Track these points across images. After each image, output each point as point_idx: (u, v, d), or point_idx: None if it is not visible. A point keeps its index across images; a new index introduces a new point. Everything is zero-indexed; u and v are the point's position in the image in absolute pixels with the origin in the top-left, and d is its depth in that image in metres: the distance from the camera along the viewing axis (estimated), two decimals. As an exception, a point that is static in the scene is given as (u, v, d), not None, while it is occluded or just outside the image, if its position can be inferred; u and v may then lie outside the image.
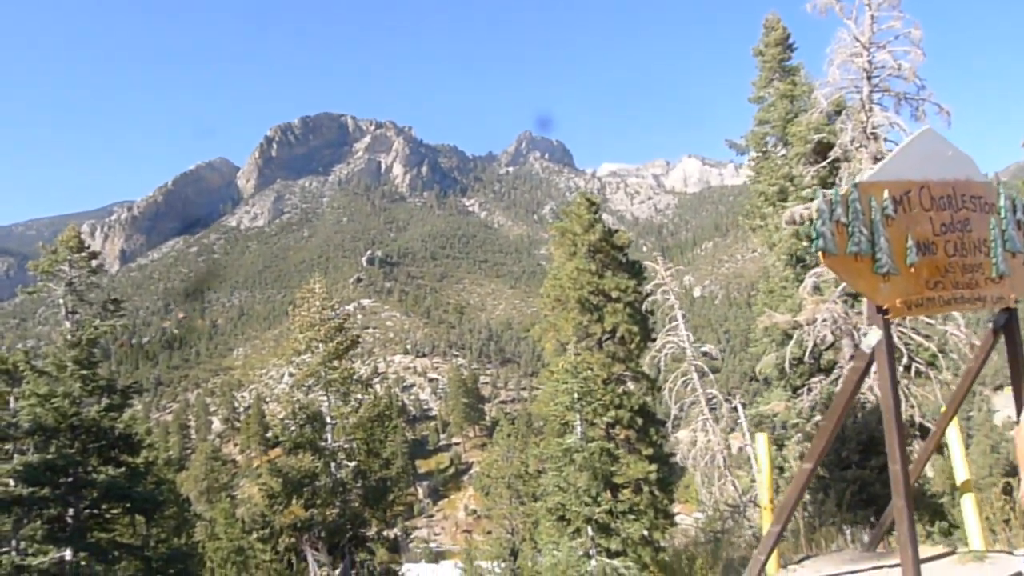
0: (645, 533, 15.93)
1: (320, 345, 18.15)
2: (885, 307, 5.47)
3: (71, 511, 15.89)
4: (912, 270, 5.61)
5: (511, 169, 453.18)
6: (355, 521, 17.15)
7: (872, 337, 5.41)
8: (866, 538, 9.98)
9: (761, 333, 22.51)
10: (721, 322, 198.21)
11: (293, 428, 17.38)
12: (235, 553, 33.88)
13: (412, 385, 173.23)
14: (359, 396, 18.66)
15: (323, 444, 17.55)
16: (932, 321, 17.90)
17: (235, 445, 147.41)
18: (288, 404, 17.75)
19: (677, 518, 24.60)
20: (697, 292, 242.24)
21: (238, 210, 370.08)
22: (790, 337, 21.34)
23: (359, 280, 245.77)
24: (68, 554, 15.27)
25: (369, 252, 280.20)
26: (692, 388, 20.94)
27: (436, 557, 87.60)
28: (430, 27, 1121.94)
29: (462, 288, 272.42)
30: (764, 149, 23.69)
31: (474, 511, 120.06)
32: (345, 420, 17.81)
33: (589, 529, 14.64)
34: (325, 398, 17.98)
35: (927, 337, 18.47)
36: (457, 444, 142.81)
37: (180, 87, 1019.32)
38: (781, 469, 21.97)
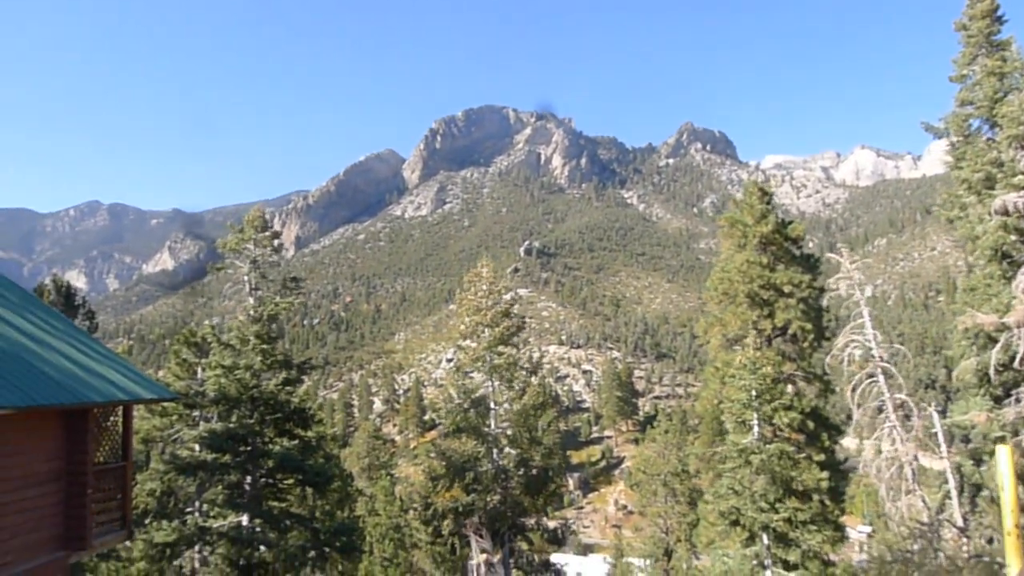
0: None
1: (486, 330, 18.08)
2: None
3: (249, 479, 16.68)
4: None
5: (671, 161, 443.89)
6: (515, 509, 16.97)
7: None
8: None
9: (960, 335, 20.36)
10: (895, 324, 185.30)
11: (457, 412, 17.41)
12: (393, 530, 35.03)
13: (566, 376, 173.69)
14: (523, 382, 18.47)
15: (486, 429, 17.48)
16: None
17: (394, 426, 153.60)
18: (453, 387, 17.80)
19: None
20: (868, 291, 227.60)
21: (403, 200, 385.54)
22: (994, 340, 19.19)
23: (516, 270, 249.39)
24: (245, 519, 16.03)
25: (527, 243, 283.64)
26: (878, 392, 19.20)
27: (584, 550, 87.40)
28: (592, 19, 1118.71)
29: (618, 281, 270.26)
30: (966, 133, 21.37)
31: (624, 506, 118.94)
32: (509, 406, 17.65)
33: (765, 537, 13.66)
34: (489, 383, 17.90)
35: None
36: (609, 437, 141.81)
37: (352, 81, 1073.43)
38: (978, 488, 19.82)
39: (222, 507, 16.17)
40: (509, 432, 17.57)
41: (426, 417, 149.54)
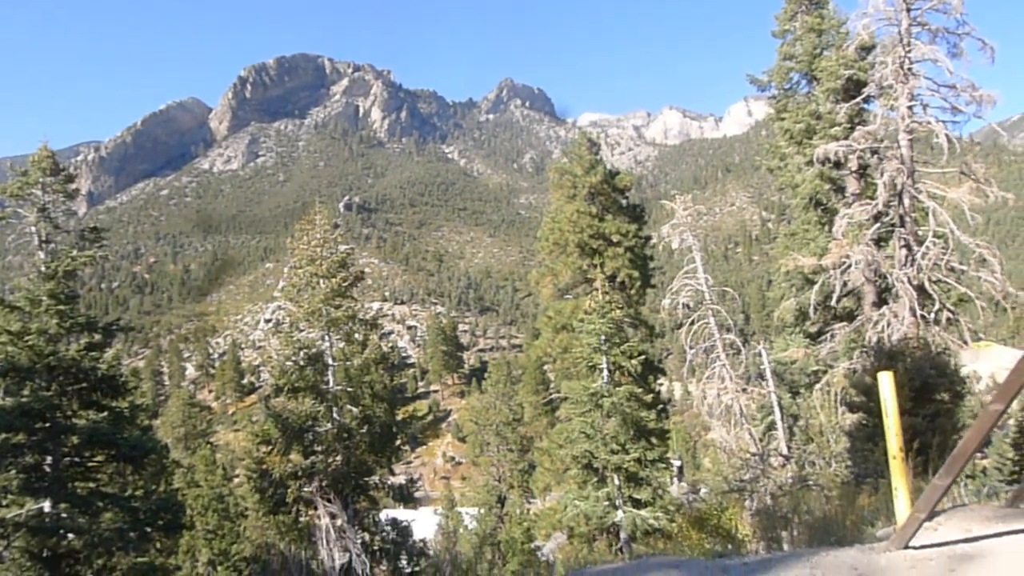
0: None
1: (321, 281, 16.91)
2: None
3: (49, 459, 14.68)
4: None
5: (491, 116, 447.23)
6: (360, 468, 16.19)
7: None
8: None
9: (781, 277, 21.69)
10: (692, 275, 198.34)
11: (293, 370, 16.22)
12: (216, 500, 33.00)
13: (390, 332, 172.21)
14: (363, 336, 17.52)
15: (325, 387, 16.43)
16: (965, 267, 17.12)
17: (210, 392, 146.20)
18: (287, 343, 16.55)
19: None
20: (675, 244, 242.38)
21: (211, 152, 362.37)
22: (811, 282, 20.53)
23: (336, 226, 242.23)
24: (47, 505, 14.12)
25: (347, 198, 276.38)
26: (709, 333, 20.07)
27: (415, 503, 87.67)
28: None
29: (441, 236, 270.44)
30: (788, 86, 22.53)
31: (452, 458, 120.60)
32: (349, 362, 16.68)
33: (616, 478, 13.82)
34: (327, 338, 16.82)
35: (958, 282, 17.66)
36: (435, 391, 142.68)
37: (148, 22, 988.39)
38: (795, 417, 21.33)
39: (17, 494, 14.09)
40: (349, 389, 16.63)
41: (245, 381, 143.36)
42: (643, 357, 16.69)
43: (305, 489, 15.18)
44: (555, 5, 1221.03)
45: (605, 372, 14.81)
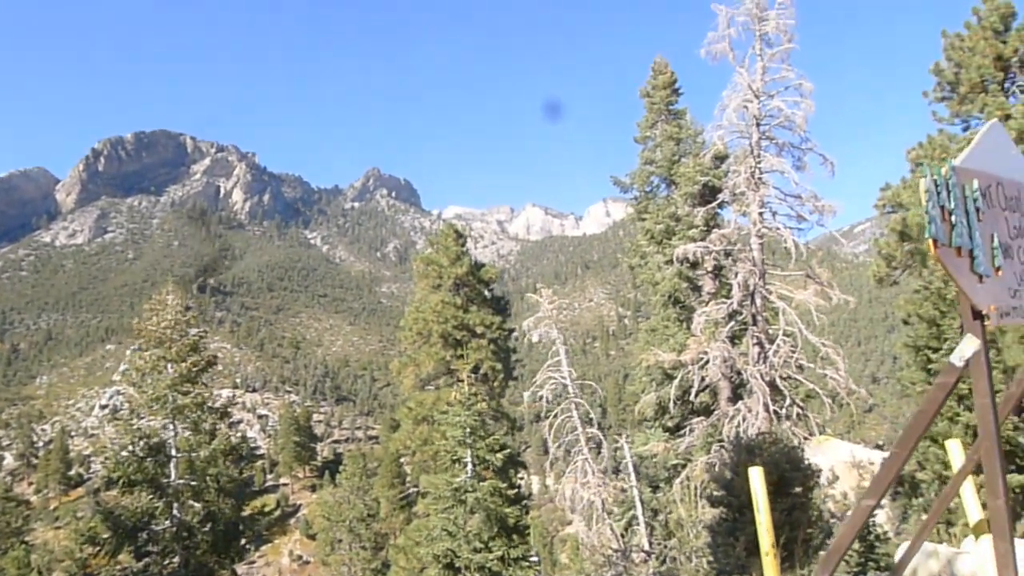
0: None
1: (169, 365, 15.70)
2: (983, 312, 4.60)
3: None
4: (999, 274, 4.81)
5: (357, 204, 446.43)
6: (200, 572, 14.71)
7: (968, 346, 4.51)
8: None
9: (642, 372, 22.20)
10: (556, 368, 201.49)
11: (130, 461, 14.75)
12: (29, 608, 29.38)
13: (239, 421, 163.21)
14: (212, 425, 16.29)
15: (165, 480, 15.03)
16: (811, 364, 18.14)
17: (30, 484, 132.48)
18: (125, 432, 15.09)
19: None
20: (535, 337, 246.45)
21: (54, 225, 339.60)
22: (670, 377, 21.13)
23: (188, 308, 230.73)
24: None
25: (200, 279, 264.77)
26: (573, 427, 20.10)
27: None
28: (279, 52, 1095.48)
29: (299, 322, 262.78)
30: (648, 188, 23.70)
31: (300, 556, 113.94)
32: (194, 453, 15.39)
33: (478, 578, 13.25)
34: (171, 427, 15.50)
35: (805, 379, 18.66)
36: (285, 485, 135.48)
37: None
38: (655, 512, 21.50)
39: None
40: (193, 483, 15.31)
41: (72, 472, 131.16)
42: (507, 451, 16.40)
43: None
44: (423, 99, 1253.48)
45: (469, 466, 14.39)
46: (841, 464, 37.83)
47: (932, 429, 17.73)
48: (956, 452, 6.95)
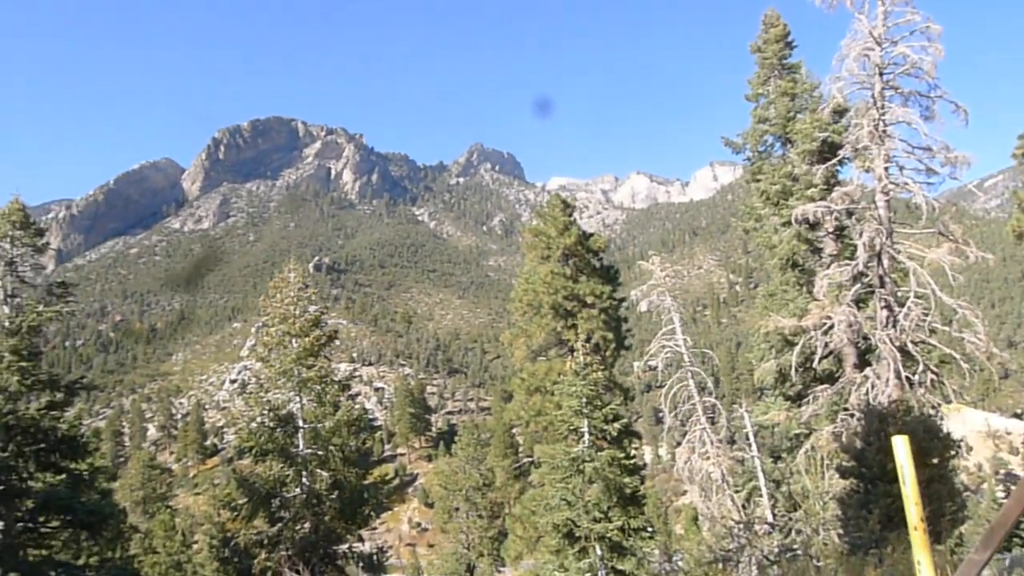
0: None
1: (294, 340, 16.34)
2: None
3: (1, 524, 13.78)
4: None
5: (461, 180, 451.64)
6: (329, 536, 15.36)
7: None
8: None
9: (760, 339, 21.50)
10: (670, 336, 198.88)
11: (261, 432, 15.48)
12: (174, 568, 31.43)
13: (357, 394, 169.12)
14: (335, 397, 16.87)
15: (294, 450, 15.71)
16: (945, 328, 17.07)
17: (171, 453, 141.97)
18: (256, 404, 15.84)
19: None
20: (643, 307, 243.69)
21: (182, 212, 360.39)
22: (790, 343, 20.37)
23: (306, 286, 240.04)
24: (-5, 575, 13.20)
25: (316, 259, 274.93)
26: (688, 396, 19.70)
27: (383, 569, 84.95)
28: (384, 34, 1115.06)
29: (410, 297, 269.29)
30: (762, 148, 22.77)
31: (418, 524, 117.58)
32: (319, 424, 15.99)
33: (599, 548, 13.21)
34: (297, 399, 16.16)
35: (934, 345, 17.58)
36: (402, 455, 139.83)
37: (125, 84, 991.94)
38: (777, 483, 20.90)
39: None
40: (319, 452, 15.91)
41: (208, 442, 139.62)
42: (623, 421, 16.25)
43: (271, 558, 14.32)
44: (524, 71, 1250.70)
45: (586, 436, 14.33)
46: (975, 434, 35.76)
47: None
48: None
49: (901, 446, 6.48)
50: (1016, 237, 22.11)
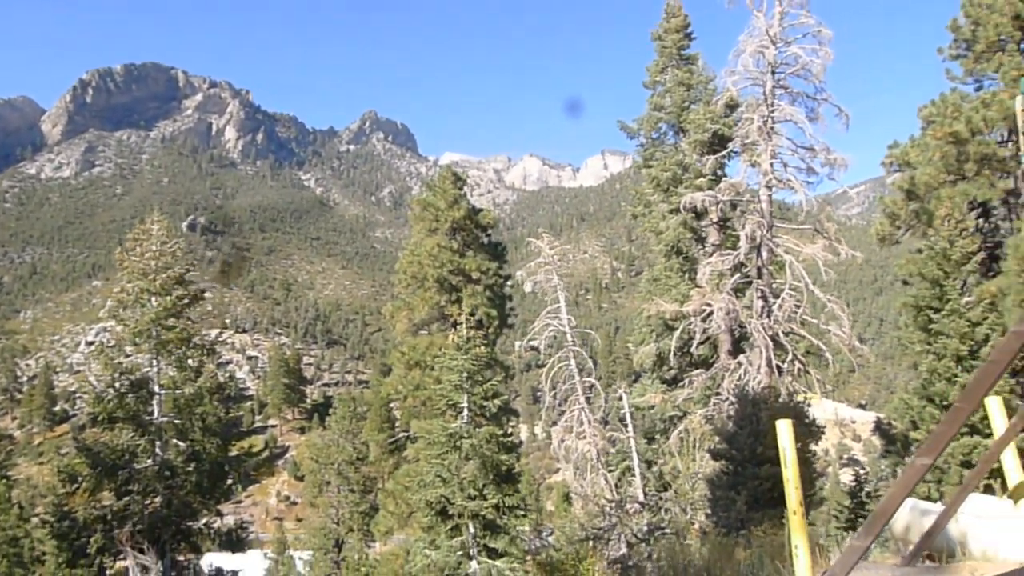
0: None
1: (154, 298, 15.09)
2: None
3: None
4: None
5: (352, 147, 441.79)
6: (183, 511, 14.35)
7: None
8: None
9: (643, 322, 21.78)
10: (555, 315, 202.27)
11: (111, 397, 14.24)
12: (8, 544, 29.11)
13: (229, 362, 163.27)
14: (198, 362, 15.74)
15: (148, 418, 14.55)
16: (815, 320, 17.73)
17: (14, 419, 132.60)
18: (107, 366, 14.55)
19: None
20: (528, 287, 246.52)
21: (39, 157, 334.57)
22: (670, 328, 20.72)
23: (172, 241, 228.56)
24: None
25: (191, 218, 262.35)
26: (569, 375, 19.70)
27: (242, 546, 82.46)
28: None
29: (291, 264, 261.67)
30: (656, 135, 23.00)
31: (287, 497, 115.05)
32: (179, 391, 14.88)
33: (472, 526, 12.91)
34: (154, 362, 14.97)
35: (803, 336, 18.26)
36: (274, 426, 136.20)
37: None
38: (649, 464, 21.30)
39: None
40: (177, 421, 14.83)
41: (57, 408, 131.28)
42: (503, 398, 15.99)
43: (113, 535, 13.20)
44: (422, 42, 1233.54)
45: (465, 412, 13.96)
46: (824, 421, 37.92)
47: (930, 389, 17.40)
48: (997, 411, 6.45)
49: (785, 430, 6.35)
50: (879, 240, 23.24)
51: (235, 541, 15.85)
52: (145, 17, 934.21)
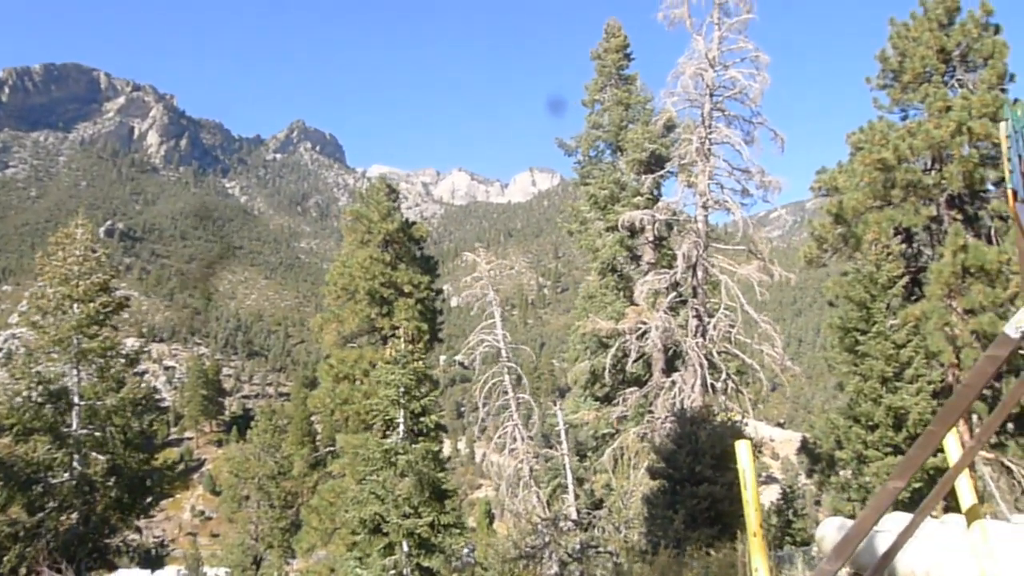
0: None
1: (75, 305, 14.34)
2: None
3: None
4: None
5: (279, 156, 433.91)
6: (101, 528, 13.59)
7: (1024, 318, 4.06)
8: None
9: (577, 339, 21.84)
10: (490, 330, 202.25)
11: (26, 408, 13.42)
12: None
13: (145, 371, 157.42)
14: (120, 372, 15.01)
15: (66, 430, 13.77)
16: (748, 340, 18.08)
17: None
18: (23, 376, 13.72)
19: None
20: (454, 302, 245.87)
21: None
22: (604, 345, 20.84)
23: (93, 249, 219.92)
24: None
25: (109, 223, 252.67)
26: (504, 391, 19.58)
27: (161, 562, 79.28)
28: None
29: (212, 273, 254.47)
30: (593, 153, 23.19)
31: (202, 512, 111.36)
32: (99, 402, 14.14)
33: (406, 544, 12.60)
34: (75, 373, 14.20)
35: (736, 355, 18.61)
36: (190, 439, 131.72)
37: None
38: (581, 481, 21.31)
39: None
40: (97, 433, 14.10)
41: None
42: (440, 413, 15.79)
43: (26, 553, 12.42)
44: (352, 53, 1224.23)
45: (401, 427, 13.68)
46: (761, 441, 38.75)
47: (856, 409, 17.91)
48: (952, 442, 6.57)
49: (744, 451, 6.35)
50: (807, 262, 23.94)
51: (153, 558, 15.11)
52: (68, 16, 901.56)
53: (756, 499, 6.07)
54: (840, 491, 19.45)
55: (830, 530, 6.97)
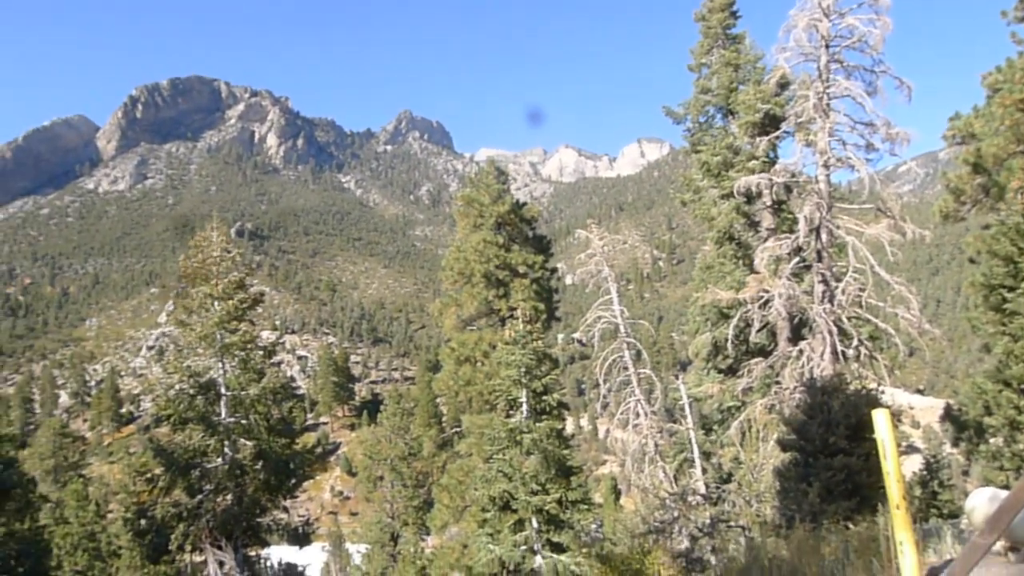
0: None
1: (216, 303, 15.36)
2: None
3: None
4: None
5: (389, 148, 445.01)
6: (253, 508, 14.59)
7: None
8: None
9: (697, 311, 21.47)
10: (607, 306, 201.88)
11: (181, 399, 14.53)
12: (87, 539, 30.05)
13: (281, 362, 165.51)
14: (261, 363, 15.98)
15: (216, 418, 14.82)
16: (881, 303, 17.24)
17: (85, 421, 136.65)
18: (176, 370, 14.84)
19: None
20: (569, 280, 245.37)
21: (96, 172, 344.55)
22: (725, 316, 20.39)
23: (228, 249, 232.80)
24: None
25: (238, 224, 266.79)
26: (624, 367, 19.50)
27: (308, 540, 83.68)
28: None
29: (334, 266, 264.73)
30: (703, 119, 22.57)
31: (340, 492, 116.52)
32: (243, 392, 15.11)
33: (535, 520, 12.86)
34: (220, 366, 15.23)
35: (868, 320, 17.76)
36: (325, 424, 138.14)
37: (37, 35, 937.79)
38: (707, 455, 21.01)
39: None
40: (244, 421, 15.07)
41: (123, 410, 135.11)
42: (561, 391, 15.92)
43: (190, 531, 13.48)
44: (454, 40, 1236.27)
45: (524, 406, 13.89)
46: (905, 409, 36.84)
47: (1006, 372, 16.76)
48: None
49: (882, 421, 6.11)
50: (943, 217, 22.52)
51: (301, 536, 16.08)
52: (187, 32, 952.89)
53: (898, 470, 5.81)
54: (991, 460, 18.26)
55: (981, 501, 6.59)
